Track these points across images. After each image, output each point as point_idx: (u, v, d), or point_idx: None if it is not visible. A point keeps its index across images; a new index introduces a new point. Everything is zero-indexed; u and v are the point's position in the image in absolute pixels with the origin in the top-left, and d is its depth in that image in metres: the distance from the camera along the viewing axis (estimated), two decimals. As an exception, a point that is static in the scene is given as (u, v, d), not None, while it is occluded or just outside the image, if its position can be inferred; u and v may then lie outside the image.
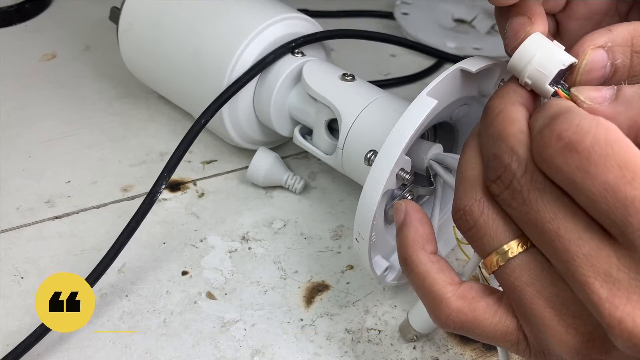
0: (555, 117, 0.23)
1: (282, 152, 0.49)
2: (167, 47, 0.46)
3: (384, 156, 0.31)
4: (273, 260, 0.42)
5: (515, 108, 0.25)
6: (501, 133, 0.25)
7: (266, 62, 0.42)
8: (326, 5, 0.66)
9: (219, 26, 0.44)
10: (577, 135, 0.22)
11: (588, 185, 0.21)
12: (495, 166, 0.25)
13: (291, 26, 0.44)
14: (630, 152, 0.21)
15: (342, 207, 0.46)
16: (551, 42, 0.26)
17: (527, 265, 0.25)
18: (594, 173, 0.21)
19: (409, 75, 0.59)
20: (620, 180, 0.21)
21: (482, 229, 0.26)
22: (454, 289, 0.27)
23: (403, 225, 0.29)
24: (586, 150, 0.21)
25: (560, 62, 0.25)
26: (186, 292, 0.40)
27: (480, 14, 0.66)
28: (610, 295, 0.21)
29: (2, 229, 0.43)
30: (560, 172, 0.22)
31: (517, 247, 0.25)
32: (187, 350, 0.37)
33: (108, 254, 0.37)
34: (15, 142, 0.50)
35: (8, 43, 0.61)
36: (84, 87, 0.56)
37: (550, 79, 0.25)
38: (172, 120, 0.53)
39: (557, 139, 0.22)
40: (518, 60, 0.26)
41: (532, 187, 0.23)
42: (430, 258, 0.28)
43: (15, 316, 0.38)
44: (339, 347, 0.37)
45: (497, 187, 0.25)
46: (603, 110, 0.24)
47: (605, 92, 0.24)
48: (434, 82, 0.31)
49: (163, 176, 0.38)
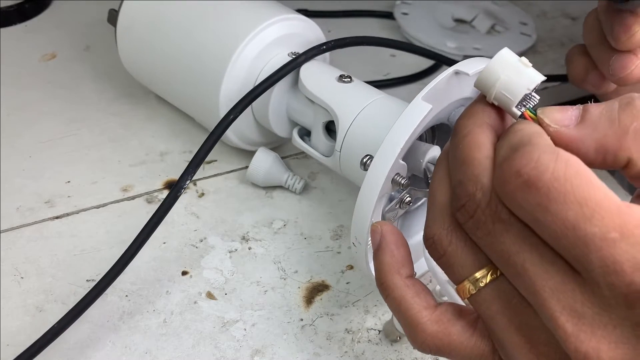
0: (516, 149, 0.22)
1: (282, 152, 0.49)
2: (164, 49, 0.46)
3: (379, 162, 0.31)
4: (273, 260, 0.42)
5: (482, 130, 0.25)
6: (466, 158, 0.24)
7: (298, 62, 0.42)
8: (326, 5, 0.66)
9: (216, 28, 0.44)
10: (536, 171, 0.21)
11: (549, 222, 0.21)
12: (460, 194, 0.24)
13: (289, 27, 0.44)
14: (590, 187, 0.21)
15: (342, 207, 0.46)
16: (517, 62, 0.25)
17: (498, 294, 0.24)
18: (553, 210, 0.21)
19: (409, 75, 0.59)
20: (580, 218, 0.21)
21: (451, 258, 0.26)
22: (429, 314, 0.27)
23: (378, 249, 0.29)
24: (545, 187, 0.21)
25: (525, 86, 0.25)
26: (186, 292, 0.40)
27: (480, 14, 0.66)
28: (576, 329, 0.21)
29: (2, 229, 0.43)
30: (521, 208, 0.22)
31: (488, 275, 0.24)
32: (187, 350, 0.37)
33: (129, 249, 0.36)
34: (15, 142, 0.50)
35: (8, 43, 0.61)
36: (84, 87, 0.56)
37: (515, 103, 0.25)
38: (172, 120, 0.53)
39: (516, 176, 0.22)
40: (484, 81, 0.25)
41: (496, 219, 0.23)
42: (406, 282, 0.28)
43: (16, 316, 0.38)
44: (339, 347, 0.37)
45: (462, 216, 0.24)
46: (569, 133, 0.24)
47: (571, 114, 0.24)
48: (429, 86, 0.31)
49: (188, 171, 0.37)
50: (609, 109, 0.23)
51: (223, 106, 0.43)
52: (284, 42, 0.44)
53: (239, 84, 0.43)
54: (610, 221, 0.20)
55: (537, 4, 0.71)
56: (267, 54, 0.43)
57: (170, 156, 0.50)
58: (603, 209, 0.20)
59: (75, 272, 0.41)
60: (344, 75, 0.41)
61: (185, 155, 0.50)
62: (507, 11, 0.67)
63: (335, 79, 0.41)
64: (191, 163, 0.38)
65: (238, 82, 0.43)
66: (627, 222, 0.20)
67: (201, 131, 0.51)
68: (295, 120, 0.44)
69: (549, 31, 0.66)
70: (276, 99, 0.43)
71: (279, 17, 0.44)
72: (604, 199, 0.21)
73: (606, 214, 0.20)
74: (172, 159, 0.49)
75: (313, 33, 0.46)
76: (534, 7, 0.70)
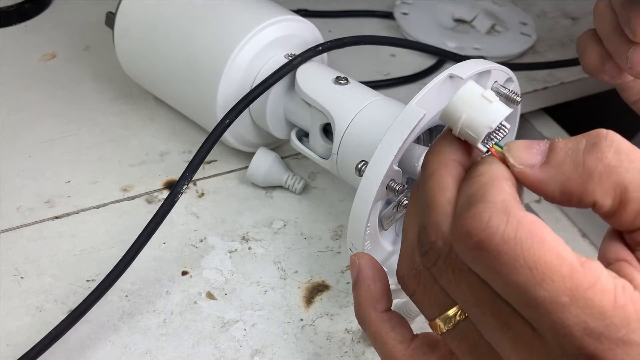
0: (471, 203, 0.22)
1: (282, 152, 0.49)
2: (162, 51, 0.46)
3: (374, 168, 0.31)
4: (273, 260, 0.42)
5: (447, 171, 0.25)
6: (430, 202, 0.25)
7: (294, 64, 0.42)
8: (326, 5, 0.66)
9: (213, 30, 0.44)
10: (485, 234, 0.21)
11: (500, 284, 0.21)
12: (423, 240, 0.25)
13: (285, 28, 0.44)
14: (541, 249, 0.21)
15: (342, 207, 0.46)
16: (480, 99, 0.24)
17: (466, 334, 0.24)
18: (504, 274, 0.21)
19: (409, 75, 0.59)
20: (530, 282, 0.20)
21: (421, 298, 0.26)
22: (404, 349, 0.27)
23: (356, 284, 0.29)
24: (494, 250, 0.21)
25: (487, 125, 0.24)
26: (186, 292, 0.40)
27: (480, 14, 0.66)
28: None
29: (2, 229, 0.43)
30: (474, 267, 0.22)
31: (457, 316, 0.25)
32: (187, 350, 0.37)
33: (127, 254, 0.36)
34: (15, 142, 0.50)
35: (8, 43, 0.61)
36: (84, 87, 0.56)
37: (479, 140, 0.24)
38: (172, 120, 0.53)
39: (467, 237, 0.22)
40: (448, 117, 0.25)
41: (456, 269, 0.23)
42: (381, 317, 0.28)
43: (16, 316, 0.38)
44: (339, 347, 0.37)
45: (426, 262, 0.25)
46: (533, 174, 0.23)
47: (537, 152, 0.24)
48: (423, 91, 0.31)
49: (185, 176, 0.37)
50: (575, 150, 0.23)
51: (220, 108, 0.43)
52: (282, 44, 0.44)
53: (236, 85, 0.43)
54: (561, 284, 0.20)
55: (537, 4, 0.71)
56: (264, 56, 0.43)
57: (170, 156, 0.50)
58: (554, 272, 0.20)
59: (75, 272, 0.41)
60: (341, 77, 0.41)
61: (185, 155, 0.50)
62: (507, 11, 0.67)
63: (332, 80, 0.41)
64: (188, 167, 0.38)
65: (235, 84, 0.43)
66: (579, 285, 0.20)
67: (201, 131, 0.51)
68: (292, 122, 0.44)
69: (549, 31, 0.66)
70: (273, 101, 0.43)
71: (276, 19, 0.43)
72: (556, 260, 0.20)
73: (557, 278, 0.20)
74: (172, 159, 0.49)
75: (311, 34, 0.46)
76: (534, 7, 0.70)
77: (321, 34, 0.47)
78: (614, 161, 0.22)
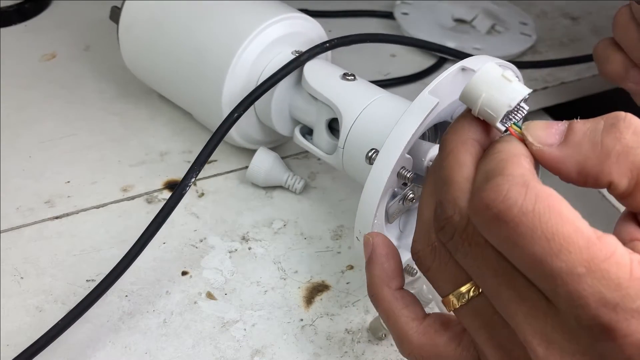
0: (489, 178, 0.23)
1: (282, 152, 0.49)
2: (167, 47, 0.46)
3: (385, 155, 0.31)
4: (273, 261, 0.42)
5: (465, 149, 0.25)
6: (447, 178, 0.25)
7: (301, 60, 0.42)
8: (326, 5, 0.66)
9: (219, 26, 0.44)
10: (504, 205, 0.21)
11: (517, 255, 0.22)
12: (440, 216, 0.25)
13: (291, 26, 0.44)
14: (559, 222, 0.21)
15: (342, 207, 0.46)
16: (500, 78, 0.25)
17: (480, 309, 0.25)
18: (521, 245, 0.21)
19: (409, 75, 0.59)
20: (547, 253, 0.21)
21: (436, 274, 0.26)
22: (417, 325, 0.28)
23: (369, 261, 0.29)
24: (512, 221, 0.21)
25: (506, 103, 0.24)
26: (186, 292, 0.40)
27: (480, 14, 0.65)
28: (547, 354, 0.22)
29: (2, 229, 0.43)
30: (492, 239, 0.22)
31: (470, 291, 0.25)
32: (187, 350, 0.37)
33: (132, 248, 0.36)
34: (15, 142, 0.50)
35: (8, 43, 0.61)
36: (84, 87, 0.56)
37: (498, 119, 0.25)
38: (172, 120, 0.53)
39: (485, 209, 0.22)
40: (467, 96, 0.25)
41: (473, 243, 0.24)
42: (395, 295, 0.28)
43: (16, 316, 0.38)
44: (339, 347, 0.37)
45: (442, 237, 0.25)
46: (551, 153, 0.24)
47: (555, 132, 0.24)
48: (436, 81, 0.31)
49: (194, 169, 0.38)
50: (593, 130, 0.23)
51: (226, 105, 0.43)
52: (286, 41, 0.44)
53: (241, 82, 0.43)
54: (578, 256, 0.20)
55: (537, 4, 0.71)
56: (269, 53, 0.44)
57: (170, 156, 0.50)
58: (571, 244, 0.21)
59: (75, 272, 0.41)
60: (348, 73, 0.42)
61: (185, 155, 0.50)
62: (507, 11, 0.67)
63: (339, 76, 0.41)
64: (196, 161, 0.38)
65: (241, 80, 0.43)
66: (595, 257, 0.20)
67: (201, 131, 0.51)
68: (297, 119, 0.45)
69: (549, 31, 0.66)
70: (279, 97, 0.43)
71: (282, 16, 0.44)
72: (573, 233, 0.21)
73: (574, 249, 0.21)
74: (172, 159, 0.49)
75: (315, 32, 0.46)
76: (534, 7, 0.70)
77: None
78: (632, 142, 0.23)
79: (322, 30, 0.47)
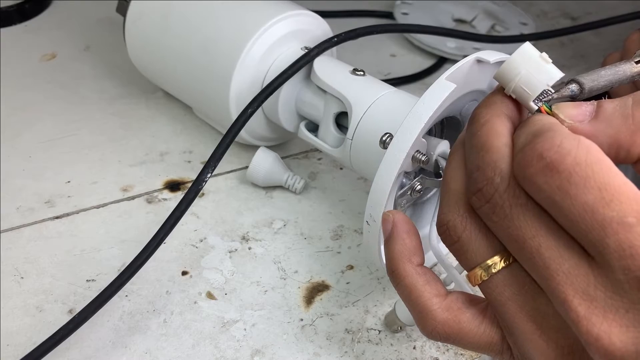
0: (537, 134, 0.23)
1: (282, 152, 0.49)
2: (174, 41, 0.46)
3: (402, 136, 0.31)
4: (273, 260, 0.42)
5: (501, 120, 0.25)
6: (485, 145, 0.25)
7: (311, 55, 0.42)
8: (326, 5, 0.66)
9: (226, 23, 0.44)
10: (558, 155, 0.22)
11: (567, 205, 0.22)
12: (478, 178, 0.25)
13: (299, 23, 0.45)
14: (610, 174, 0.21)
15: (342, 207, 0.46)
16: (538, 58, 0.26)
17: (510, 280, 0.25)
18: (573, 194, 0.21)
19: (409, 75, 0.59)
20: (599, 202, 0.21)
21: (465, 245, 0.26)
22: (440, 302, 0.27)
23: (390, 238, 0.29)
24: (566, 171, 0.22)
25: (544, 82, 0.25)
26: (186, 292, 0.40)
27: (480, 14, 0.66)
28: (588, 313, 0.22)
29: (2, 229, 0.43)
30: (541, 191, 0.22)
31: (500, 262, 0.25)
32: (187, 350, 0.37)
33: (149, 244, 0.36)
34: (15, 142, 0.50)
35: (8, 43, 0.61)
36: (84, 87, 0.56)
37: (533, 97, 0.25)
38: (172, 120, 0.53)
39: (538, 159, 0.22)
40: (504, 73, 0.26)
41: (513, 203, 0.24)
42: (417, 270, 0.28)
43: (16, 316, 0.38)
44: (339, 347, 0.37)
45: (478, 200, 0.25)
46: (583, 128, 0.24)
47: (585, 109, 0.24)
48: (453, 68, 0.31)
49: (210, 164, 0.38)
50: (623, 105, 0.24)
51: (233, 101, 0.44)
52: (293, 38, 0.44)
53: (249, 78, 0.43)
54: (629, 206, 0.21)
55: (537, 4, 0.71)
56: (276, 50, 0.44)
57: (170, 156, 0.50)
58: (622, 195, 0.21)
59: (75, 272, 0.41)
60: (357, 69, 0.42)
61: (185, 155, 0.50)
62: (507, 11, 0.67)
63: (349, 71, 0.42)
64: (213, 155, 0.38)
65: (249, 76, 0.43)
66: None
67: (201, 131, 0.51)
68: (303, 115, 0.45)
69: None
70: (286, 93, 0.44)
71: (289, 13, 0.44)
72: (623, 185, 0.21)
73: (625, 200, 0.21)
74: (172, 159, 0.49)
75: (321, 29, 0.47)
76: (534, 7, 0.70)
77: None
78: None
79: (328, 27, 0.47)
